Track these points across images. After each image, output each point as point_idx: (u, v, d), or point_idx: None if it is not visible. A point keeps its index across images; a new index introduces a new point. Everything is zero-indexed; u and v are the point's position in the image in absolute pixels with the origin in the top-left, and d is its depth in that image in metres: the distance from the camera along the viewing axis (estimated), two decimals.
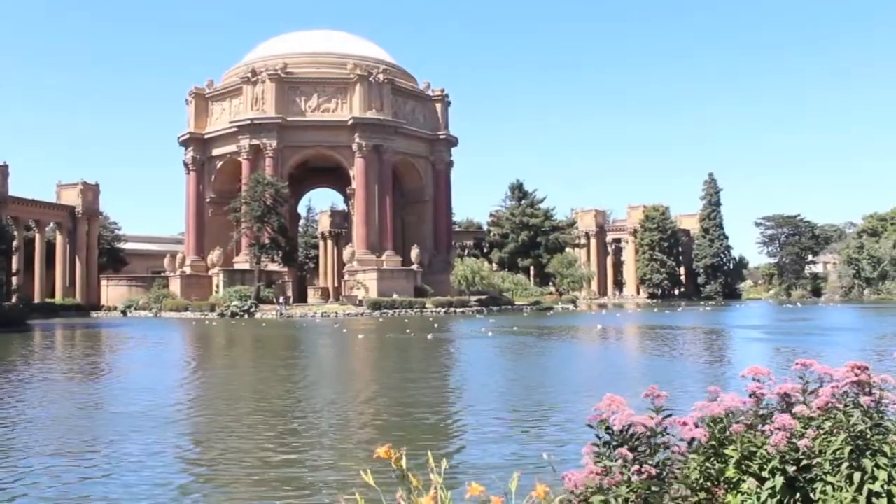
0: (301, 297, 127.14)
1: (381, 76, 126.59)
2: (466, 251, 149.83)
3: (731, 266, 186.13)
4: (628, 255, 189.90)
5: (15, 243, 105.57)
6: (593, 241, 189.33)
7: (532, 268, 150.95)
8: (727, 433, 5.98)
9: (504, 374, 33.10)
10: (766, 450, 5.68)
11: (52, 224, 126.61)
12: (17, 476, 14.63)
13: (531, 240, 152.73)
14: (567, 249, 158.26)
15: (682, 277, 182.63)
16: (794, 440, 5.64)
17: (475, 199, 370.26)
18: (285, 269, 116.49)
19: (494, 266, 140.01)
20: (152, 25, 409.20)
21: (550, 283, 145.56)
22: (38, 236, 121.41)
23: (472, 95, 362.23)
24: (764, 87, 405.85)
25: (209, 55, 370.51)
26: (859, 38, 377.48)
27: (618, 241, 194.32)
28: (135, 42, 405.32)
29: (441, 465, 5.04)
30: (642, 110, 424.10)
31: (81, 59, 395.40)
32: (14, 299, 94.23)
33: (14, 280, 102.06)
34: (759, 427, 5.99)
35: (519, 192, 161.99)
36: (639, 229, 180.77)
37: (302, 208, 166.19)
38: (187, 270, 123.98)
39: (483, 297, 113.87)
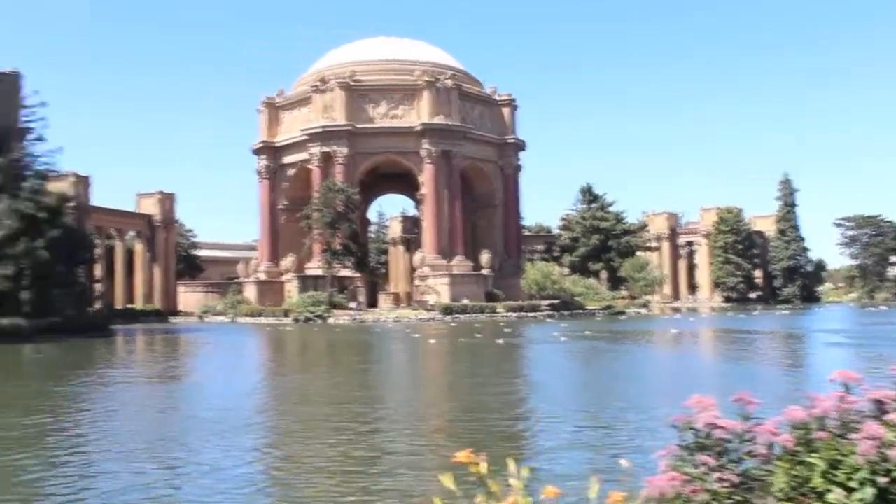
0: (373, 303, 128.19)
1: (448, 82, 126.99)
2: (537, 255, 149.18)
3: (810, 268, 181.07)
4: (701, 258, 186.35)
5: (98, 251, 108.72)
6: (665, 245, 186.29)
7: (603, 272, 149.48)
8: (811, 440, 5.79)
9: (578, 380, 32.87)
10: (854, 459, 5.49)
11: (131, 232, 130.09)
12: (100, 479, 15.06)
13: (602, 243, 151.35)
14: (638, 253, 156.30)
15: (758, 280, 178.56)
16: (884, 450, 5.44)
17: (545, 203, 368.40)
18: (357, 275, 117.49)
19: (565, 270, 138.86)
20: (224, 35, 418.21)
21: (622, 287, 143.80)
22: (118, 244, 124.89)
23: (539, 99, 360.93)
24: (839, 84, 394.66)
25: (280, 64, 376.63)
26: None
27: (690, 243, 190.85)
28: (207, 52, 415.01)
29: (521, 470, 5.00)
30: (714, 110, 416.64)
31: (157, 70, 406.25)
32: (98, 305, 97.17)
33: (97, 287, 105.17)
34: (847, 435, 5.78)
35: (589, 195, 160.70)
36: (712, 232, 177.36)
37: (373, 214, 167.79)
38: (261, 276, 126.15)
39: (554, 301, 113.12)
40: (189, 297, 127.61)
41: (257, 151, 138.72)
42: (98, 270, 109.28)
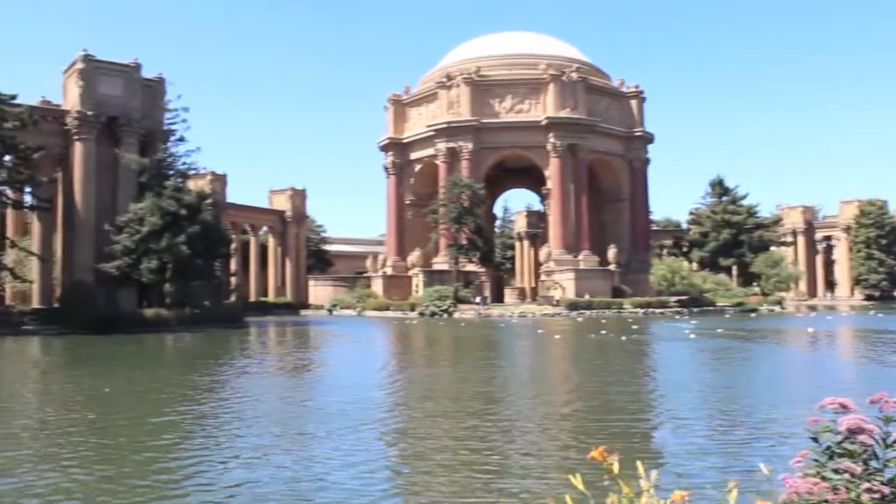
0: (498, 297, 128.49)
1: (573, 75, 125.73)
2: (665, 250, 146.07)
3: None
4: (840, 254, 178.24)
5: (233, 246, 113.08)
6: (801, 239, 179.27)
7: (734, 267, 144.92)
8: None
9: (709, 379, 31.99)
10: None
11: (264, 228, 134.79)
12: (238, 470, 15.66)
13: (733, 238, 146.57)
14: (772, 248, 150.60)
15: None
16: None
17: (674, 196, 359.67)
18: (482, 270, 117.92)
19: (694, 266, 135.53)
20: (353, 32, 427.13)
21: (754, 284, 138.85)
22: (252, 239, 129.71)
23: (668, 90, 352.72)
24: None
25: (406, 60, 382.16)
26: None
27: (828, 238, 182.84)
28: (337, 49, 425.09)
29: (651, 473, 4.96)
30: (851, 99, 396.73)
31: (289, 69, 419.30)
32: (233, 298, 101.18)
33: (232, 280, 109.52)
34: None
35: (720, 188, 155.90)
36: (852, 226, 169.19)
37: (498, 209, 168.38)
38: (388, 271, 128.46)
39: (683, 297, 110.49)
40: (319, 291, 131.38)
41: (384, 148, 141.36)
42: (233, 264, 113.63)
